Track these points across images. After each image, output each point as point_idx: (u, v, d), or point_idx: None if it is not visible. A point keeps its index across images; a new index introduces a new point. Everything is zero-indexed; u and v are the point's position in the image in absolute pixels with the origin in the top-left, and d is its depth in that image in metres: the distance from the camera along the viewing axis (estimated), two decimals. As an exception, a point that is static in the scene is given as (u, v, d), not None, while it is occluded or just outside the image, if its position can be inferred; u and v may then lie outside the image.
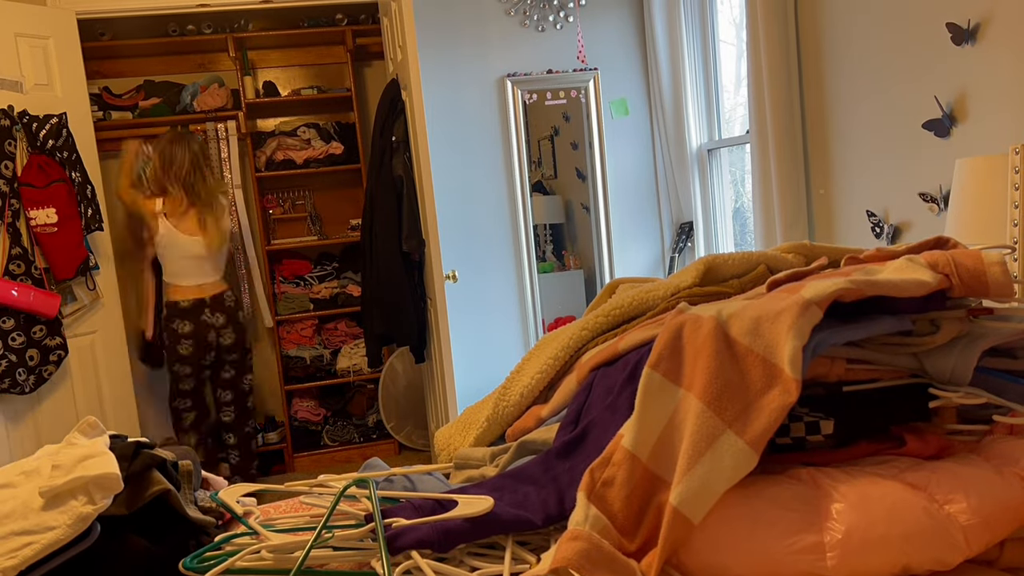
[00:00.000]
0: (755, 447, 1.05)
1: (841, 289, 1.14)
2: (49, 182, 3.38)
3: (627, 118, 4.32)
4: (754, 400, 1.09)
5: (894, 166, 2.75)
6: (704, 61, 4.00)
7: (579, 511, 1.02)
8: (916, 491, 1.04)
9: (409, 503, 1.10)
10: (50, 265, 3.42)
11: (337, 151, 4.44)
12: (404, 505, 1.10)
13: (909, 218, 2.71)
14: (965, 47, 2.37)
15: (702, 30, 3.96)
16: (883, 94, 2.75)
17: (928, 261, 1.22)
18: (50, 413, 3.43)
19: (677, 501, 1.01)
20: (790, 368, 1.10)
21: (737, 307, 1.20)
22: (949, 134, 2.48)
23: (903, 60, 2.64)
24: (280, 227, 4.60)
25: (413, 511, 1.07)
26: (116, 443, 1.29)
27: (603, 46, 4.25)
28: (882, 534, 0.99)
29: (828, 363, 1.22)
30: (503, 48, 4.16)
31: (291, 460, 4.44)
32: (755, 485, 1.08)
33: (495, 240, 4.25)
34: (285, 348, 4.52)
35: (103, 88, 4.29)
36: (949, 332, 1.20)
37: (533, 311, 4.30)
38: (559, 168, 4.48)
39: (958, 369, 1.20)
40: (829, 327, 1.17)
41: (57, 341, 3.39)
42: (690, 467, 1.03)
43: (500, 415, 1.52)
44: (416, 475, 1.30)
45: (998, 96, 2.30)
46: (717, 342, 1.14)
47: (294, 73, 4.62)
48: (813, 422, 1.19)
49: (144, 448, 1.28)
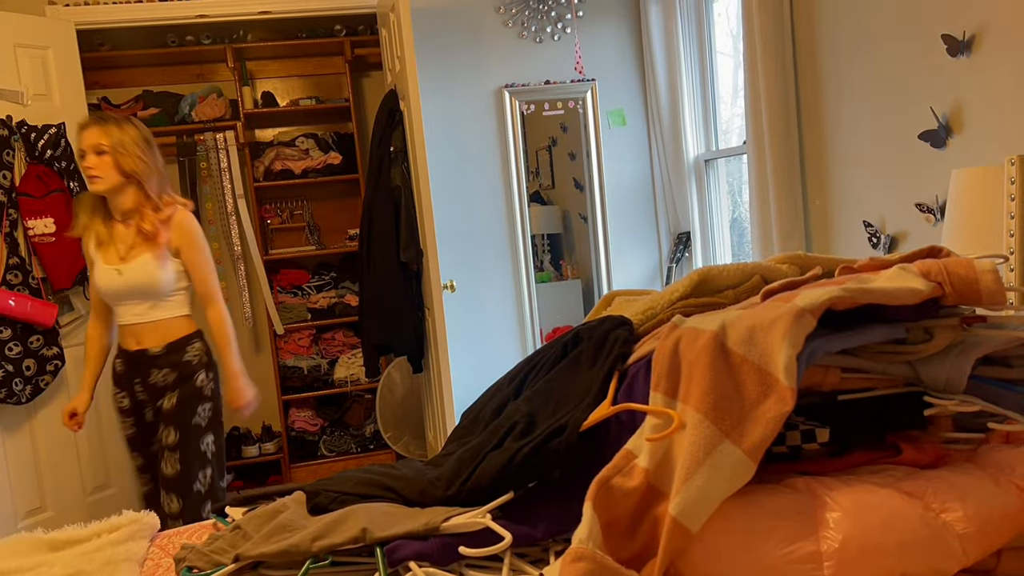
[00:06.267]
0: (752, 456, 1.05)
1: (834, 297, 1.14)
2: (47, 192, 3.39)
3: (624, 128, 4.33)
4: (750, 410, 1.09)
5: (890, 177, 2.76)
6: (701, 72, 4.02)
7: (584, 527, 1.01)
8: (912, 500, 1.04)
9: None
10: (48, 275, 3.41)
11: (335, 161, 4.45)
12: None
13: (906, 228, 2.72)
14: (961, 58, 2.38)
15: (699, 41, 3.98)
16: (879, 105, 2.76)
17: (921, 270, 1.23)
18: (47, 423, 3.42)
19: (676, 511, 1.00)
20: (785, 377, 1.10)
21: (733, 316, 1.21)
22: (945, 145, 2.49)
23: (899, 71, 2.65)
24: (278, 237, 4.60)
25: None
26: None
27: (600, 57, 4.27)
28: (878, 543, 0.99)
29: (823, 372, 1.22)
30: (501, 59, 4.17)
31: (288, 470, 4.43)
32: (752, 494, 1.08)
33: (493, 250, 4.25)
34: (283, 358, 4.51)
35: (102, 98, 4.30)
36: (943, 340, 1.21)
37: (531, 321, 4.30)
38: (556, 178, 4.49)
39: (953, 377, 1.20)
40: (823, 335, 1.17)
41: (54, 351, 3.38)
42: (688, 477, 1.03)
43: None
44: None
45: (994, 107, 2.31)
46: (713, 353, 1.14)
47: (292, 84, 4.64)
48: (809, 430, 1.19)
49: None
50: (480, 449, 1.19)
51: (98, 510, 3.31)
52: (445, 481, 1.16)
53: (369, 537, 1.01)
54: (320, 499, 1.21)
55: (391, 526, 1.03)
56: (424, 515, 1.07)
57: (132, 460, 2.80)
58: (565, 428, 1.17)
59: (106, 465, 3.65)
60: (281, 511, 1.16)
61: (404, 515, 1.09)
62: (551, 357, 1.45)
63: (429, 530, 1.02)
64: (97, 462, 3.62)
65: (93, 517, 1.60)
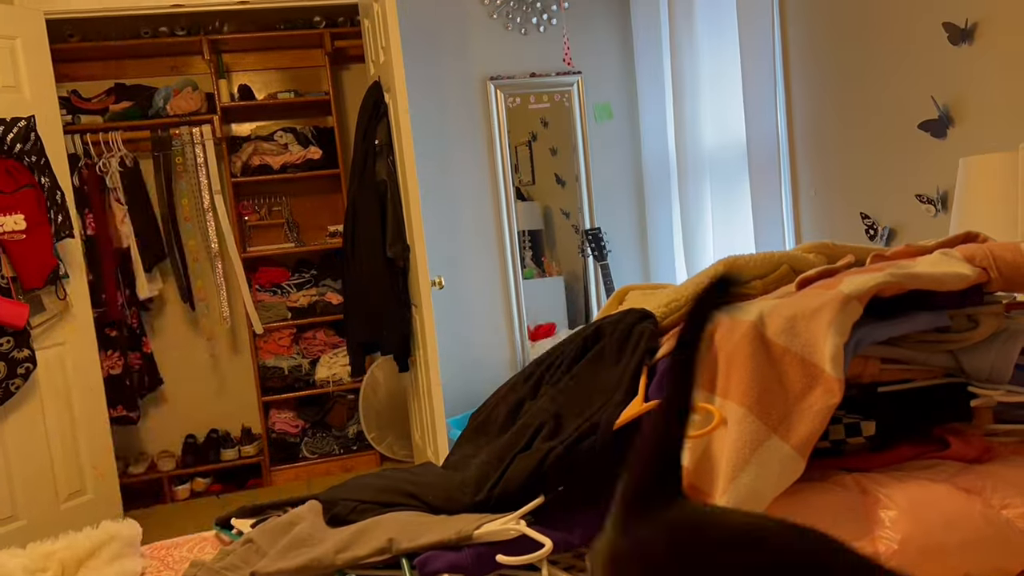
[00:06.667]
0: (802, 452, 0.99)
1: (882, 283, 1.09)
2: (17, 187, 3.24)
3: (611, 122, 4.28)
4: (796, 403, 1.03)
5: (889, 168, 2.73)
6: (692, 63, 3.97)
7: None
8: (971, 496, 0.99)
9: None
10: (18, 274, 3.27)
11: (315, 156, 4.34)
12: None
13: (904, 220, 2.69)
14: (962, 47, 2.36)
15: (688, 32, 3.93)
16: (878, 94, 2.73)
17: (964, 255, 1.18)
18: (18, 428, 3.28)
19: (727, 511, 0.94)
20: (832, 367, 1.04)
21: (770, 306, 1.15)
22: (946, 135, 2.46)
23: (899, 60, 2.62)
24: (256, 234, 4.48)
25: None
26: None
27: (587, 50, 4.21)
28: (940, 542, 0.94)
29: (863, 363, 1.16)
30: (486, 51, 4.10)
31: (268, 474, 4.31)
32: (800, 493, 1.02)
33: (478, 246, 4.18)
34: (262, 358, 4.39)
35: (72, 91, 4.15)
36: (988, 327, 1.16)
37: (518, 317, 4.23)
38: (537, 174, 4.43)
39: (997, 366, 1.16)
40: (867, 324, 1.12)
41: (25, 353, 3.24)
42: (735, 475, 0.97)
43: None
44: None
45: (996, 96, 2.29)
46: (753, 344, 1.08)
47: (270, 76, 4.51)
48: (853, 423, 1.14)
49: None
50: (506, 452, 1.12)
51: (75, 518, 3.18)
52: (473, 486, 1.08)
53: (396, 548, 0.93)
54: (338, 509, 1.12)
55: (420, 535, 0.95)
56: (454, 523, 0.99)
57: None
58: (597, 427, 1.10)
59: (80, 471, 3.52)
60: (296, 523, 1.07)
61: (432, 523, 1.01)
62: (570, 354, 1.38)
63: (462, 539, 0.94)
64: (71, 468, 3.48)
65: (69, 526, 1.50)
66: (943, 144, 2.48)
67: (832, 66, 2.93)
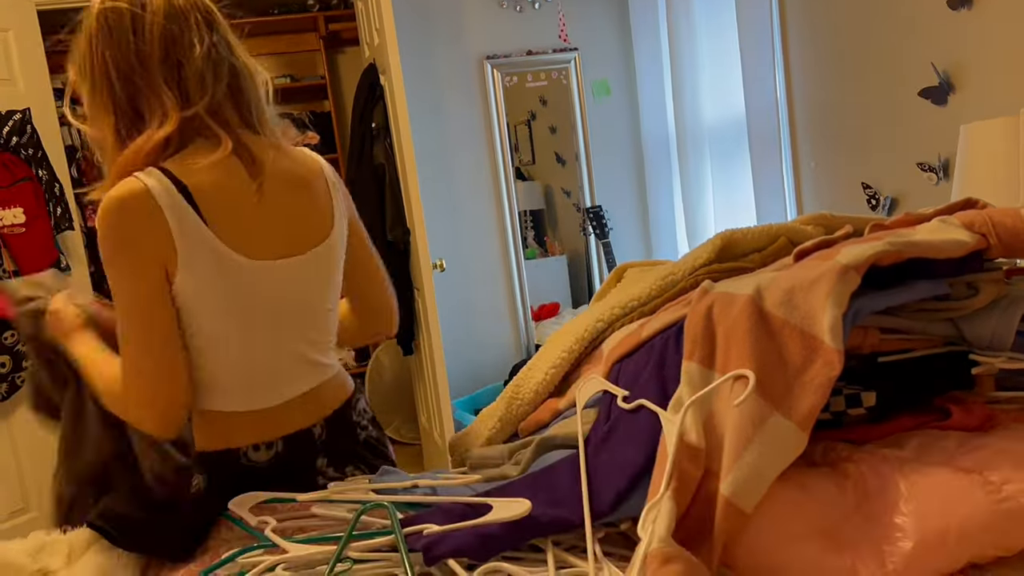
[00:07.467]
0: (804, 427, 0.98)
1: (880, 252, 1.08)
2: (14, 181, 3.24)
3: (610, 99, 4.25)
4: (796, 376, 1.02)
5: (890, 137, 2.70)
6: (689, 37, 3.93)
7: (663, 522, 0.88)
8: (971, 476, 0.97)
9: (438, 508, 1.02)
10: (18, 267, 3.28)
11: (313, 141, 4.31)
12: (433, 510, 1.02)
13: (906, 189, 2.67)
14: (962, 11, 2.32)
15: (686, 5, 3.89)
16: (877, 63, 2.70)
17: (963, 221, 1.16)
18: (26, 421, 3.30)
19: (729, 491, 0.93)
20: (830, 338, 1.03)
21: (767, 279, 1.14)
22: (946, 102, 2.44)
23: (897, 27, 2.59)
24: (257, 221, 4.48)
25: (443, 516, 0.98)
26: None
27: (583, 26, 4.17)
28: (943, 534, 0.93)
29: (862, 333, 1.15)
30: (481, 30, 4.06)
31: (277, 460, 4.33)
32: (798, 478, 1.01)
33: (479, 227, 4.16)
34: (267, 345, 4.40)
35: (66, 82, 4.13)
36: (988, 294, 1.14)
37: (521, 298, 4.22)
38: (537, 153, 4.41)
39: (999, 332, 1.15)
40: (865, 294, 1.11)
41: (30, 346, 3.25)
42: (739, 454, 0.96)
43: (513, 415, 1.44)
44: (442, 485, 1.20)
45: (996, 61, 2.26)
46: (752, 318, 1.07)
47: (265, 62, 4.42)
48: (853, 395, 1.13)
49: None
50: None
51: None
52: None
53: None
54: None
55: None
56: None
57: None
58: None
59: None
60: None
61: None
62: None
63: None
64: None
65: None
66: (944, 111, 2.45)
67: (830, 36, 2.90)
